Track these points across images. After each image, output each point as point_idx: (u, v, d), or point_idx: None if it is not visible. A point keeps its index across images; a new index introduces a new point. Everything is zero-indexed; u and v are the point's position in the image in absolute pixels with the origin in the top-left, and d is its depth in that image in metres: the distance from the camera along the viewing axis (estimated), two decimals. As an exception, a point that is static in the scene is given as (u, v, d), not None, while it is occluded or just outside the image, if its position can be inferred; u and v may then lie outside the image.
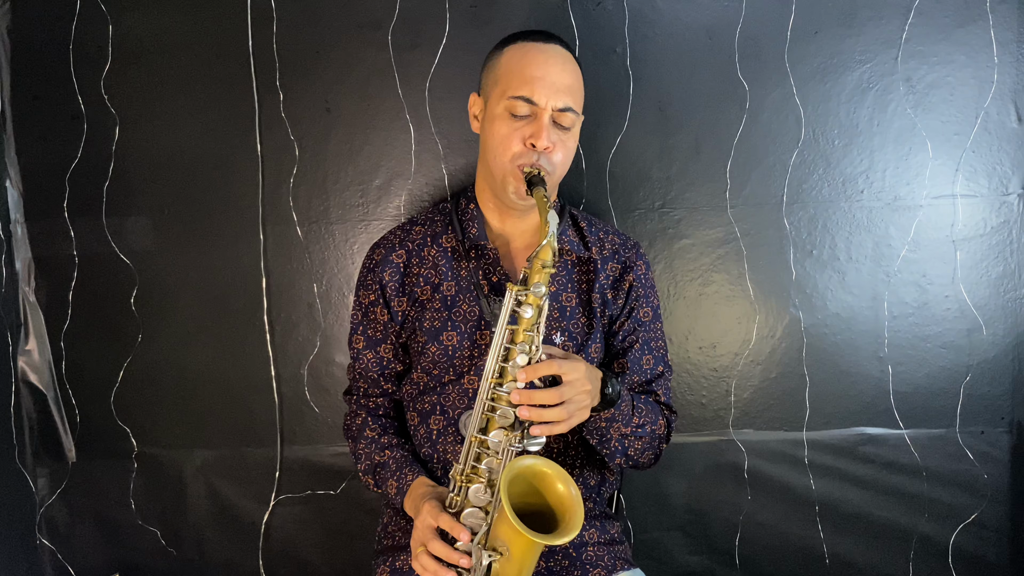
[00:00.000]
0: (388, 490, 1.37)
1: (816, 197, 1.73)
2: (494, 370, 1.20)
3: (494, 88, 1.33)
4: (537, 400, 1.16)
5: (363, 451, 1.45)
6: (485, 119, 1.36)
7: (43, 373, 1.81)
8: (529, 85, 1.28)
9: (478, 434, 1.20)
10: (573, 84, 1.32)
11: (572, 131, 1.34)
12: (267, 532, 1.84)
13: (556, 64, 1.31)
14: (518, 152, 1.30)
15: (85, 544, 1.86)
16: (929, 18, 1.68)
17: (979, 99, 1.70)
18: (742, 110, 1.71)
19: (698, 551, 1.83)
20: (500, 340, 1.20)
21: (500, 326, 1.20)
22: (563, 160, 1.34)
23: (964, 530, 1.80)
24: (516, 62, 1.31)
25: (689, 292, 1.77)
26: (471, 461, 1.20)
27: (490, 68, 1.37)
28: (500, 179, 1.34)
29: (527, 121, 1.30)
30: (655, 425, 1.37)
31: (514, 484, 1.11)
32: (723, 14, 1.69)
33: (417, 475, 1.34)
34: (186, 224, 1.77)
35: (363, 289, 1.46)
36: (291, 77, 1.72)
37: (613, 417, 1.29)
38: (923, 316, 1.76)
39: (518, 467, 1.13)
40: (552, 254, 1.19)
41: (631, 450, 1.35)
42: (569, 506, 1.12)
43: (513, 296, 1.20)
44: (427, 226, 1.47)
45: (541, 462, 1.15)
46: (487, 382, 1.20)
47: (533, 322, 1.19)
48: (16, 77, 1.74)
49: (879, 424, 1.78)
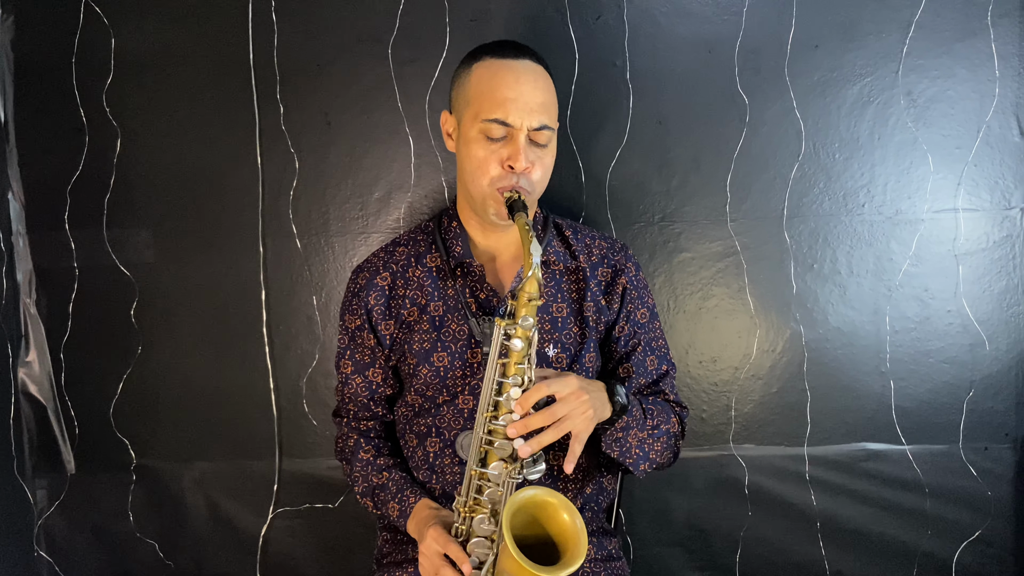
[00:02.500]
0: (389, 512, 1.37)
1: (817, 211, 1.73)
2: (489, 404, 1.20)
3: (466, 109, 1.31)
4: (532, 426, 1.16)
5: (359, 473, 1.44)
6: (460, 141, 1.34)
7: (43, 384, 1.81)
8: (502, 107, 1.25)
9: (477, 467, 1.20)
10: (546, 100, 1.30)
11: (549, 147, 1.32)
12: (265, 545, 1.83)
13: (528, 82, 1.27)
14: (497, 175, 1.28)
15: (83, 556, 1.86)
16: (930, 32, 1.68)
17: (981, 113, 1.69)
18: (742, 123, 1.71)
19: (698, 567, 1.81)
20: (492, 375, 1.20)
21: (491, 361, 1.20)
22: (541, 178, 1.32)
23: (968, 548, 1.78)
24: (487, 83, 1.28)
25: (689, 306, 1.76)
26: (473, 493, 1.20)
27: (460, 85, 1.34)
28: (480, 202, 1.32)
29: (503, 143, 1.28)
30: (669, 424, 1.37)
31: (517, 516, 1.11)
32: (723, 28, 1.69)
33: (419, 498, 1.34)
34: (186, 236, 1.77)
35: (348, 314, 1.45)
36: (292, 90, 1.73)
37: (628, 424, 1.28)
38: (925, 331, 1.74)
39: (520, 500, 1.13)
40: (538, 286, 1.18)
41: (652, 452, 1.34)
42: (572, 536, 1.12)
43: (502, 331, 1.20)
44: (410, 246, 1.46)
45: (543, 492, 1.15)
46: (483, 416, 1.20)
47: (524, 354, 1.19)
48: (19, 89, 1.75)
49: (881, 440, 1.76)
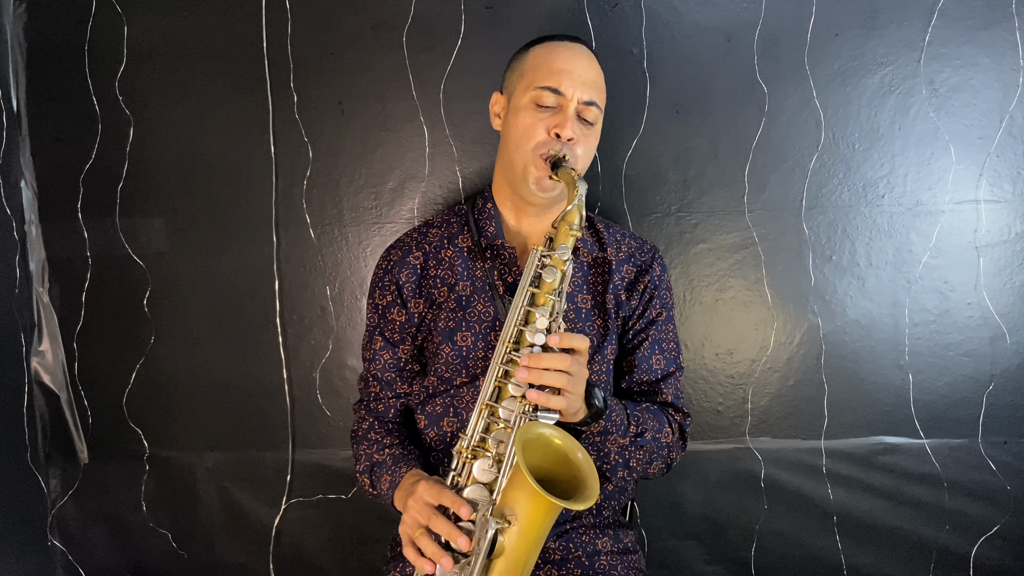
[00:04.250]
0: (381, 486, 1.32)
1: (836, 202, 1.71)
2: (511, 334, 1.17)
3: (519, 82, 1.35)
4: (544, 363, 1.11)
5: (363, 452, 1.41)
6: (508, 113, 1.37)
7: (56, 374, 1.81)
8: (556, 76, 1.31)
9: (489, 402, 1.16)
10: (598, 80, 1.36)
11: (595, 128, 1.36)
12: (278, 536, 1.83)
13: (583, 60, 1.34)
14: (542, 141, 1.31)
15: (96, 546, 1.86)
16: (953, 20, 1.65)
17: (1004, 103, 1.67)
18: (761, 113, 1.69)
19: (713, 560, 1.80)
20: (521, 302, 1.17)
21: (522, 288, 1.18)
22: (584, 155, 1.34)
23: (986, 542, 1.76)
24: (543, 57, 1.34)
25: (706, 297, 1.74)
26: (479, 432, 1.16)
27: (515, 66, 1.39)
28: (521, 169, 1.33)
29: (552, 112, 1.32)
30: (659, 433, 1.33)
31: (526, 450, 1.03)
32: (742, 15, 1.67)
33: (412, 468, 1.28)
34: (199, 226, 1.76)
35: (379, 290, 1.45)
36: (305, 79, 1.71)
37: (606, 429, 1.25)
38: (945, 323, 1.72)
39: (532, 432, 1.07)
40: (580, 218, 1.19)
41: (633, 460, 1.32)
42: (583, 476, 1.05)
43: (537, 257, 1.19)
44: (443, 228, 1.47)
45: (554, 432, 1.09)
46: (503, 346, 1.16)
47: (555, 287, 1.17)
48: (32, 78, 1.74)
49: (899, 433, 1.75)
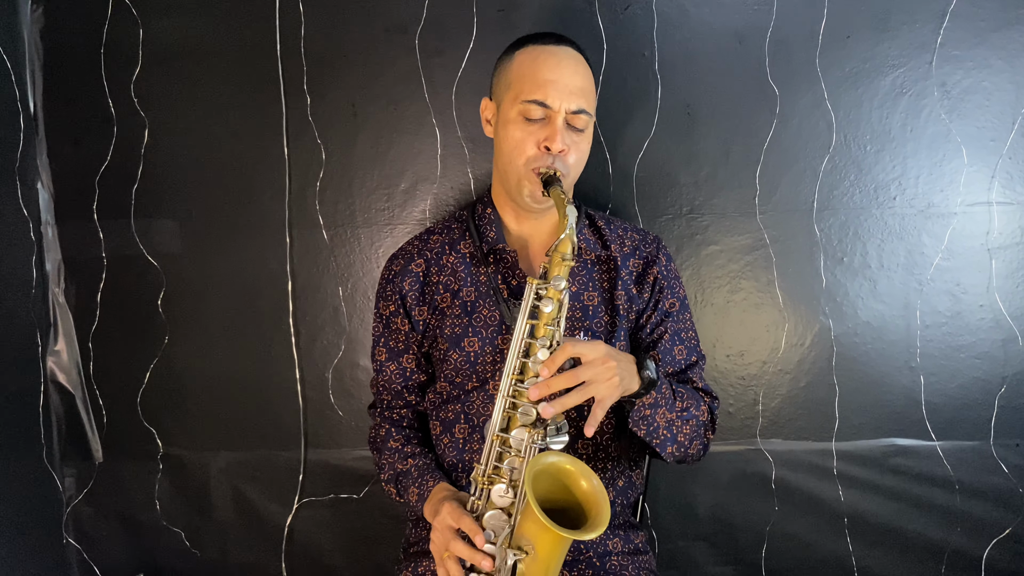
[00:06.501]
0: (409, 498, 1.36)
1: (847, 204, 1.71)
2: (515, 367, 1.18)
3: (506, 92, 1.33)
4: (554, 387, 1.12)
5: (386, 461, 1.44)
6: (498, 123, 1.36)
7: (71, 373, 1.83)
8: (542, 89, 1.28)
9: (500, 433, 1.17)
10: (585, 86, 1.32)
11: (585, 133, 1.34)
12: (290, 535, 1.84)
13: (568, 67, 1.31)
14: (533, 156, 1.30)
15: (110, 544, 1.88)
16: (965, 21, 1.65)
17: (1016, 104, 1.67)
18: (772, 115, 1.69)
19: (724, 562, 1.81)
20: (520, 335, 1.18)
21: (520, 321, 1.19)
22: (577, 162, 1.34)
23: (998, 545, 1.76)
24: (528, 66, 1.31)
25: (717, 299, 1.75)
26: (493, 461, 1.18)
27: (501, 72, 1.37)
28: (515, 183, 1.34)
29: (541, 124, 1.30)
30: (698, 411, 1.35)
31: (538, 481, 1.07)
32: (753, 18, 1.67)
33: (438, 481, 1.33)
34: (213, 227, 1.78)
35: (383, 301, 1.46)
36: (318, 81, 1.72)
37: (656, 402, 1.26)
38: (957, 326, 1.72)
39: (542, 463, 1.10)
40: (572, 247, 1.18)
41: (680, 435, 1.32)
42: (595, 502, 1.08)
43: (533, 290, 1.19)
44: (444, 234, 1.47)
45: (564, 459, 1.12)
46: (508, 379, 1.18)
47: (553, 316, 1.17)
48: (48, 80, 1.76)
49: (910, 435, 1.75)
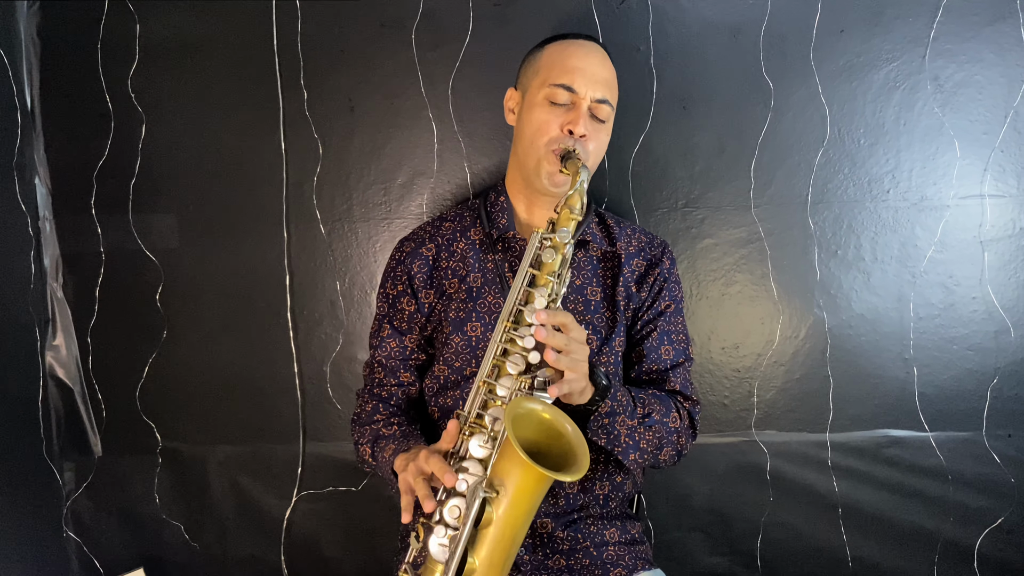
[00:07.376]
0: (384, 454, 1.32)
1: (841, 197, 1.72)
2: (511, 312, 1.18)
3: (534, 78, 1.39)
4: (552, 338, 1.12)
5: (367, 429, 1.42)
6: (523, 109, 1.41)
7: (70, 368, 1.83)
8: (570, 74, 1.35)
9: (487, 379, 1.17)
10: (610, 79, 1.39)
11: (606, 124, 1.39)
12: (289, 527, 1.86)
13: (596, 58, 1.38)
14: (555, 137, 1.34)
15: (110, 537, 1.89)
16: (958, 16, 1.66)
17: (1008, 98, 1.68)
18: (767, 109, 1.70)
19: (719, 552, 1.82)
20: (521, 282, 1.19)
21: (522, 268, 1.20)
22: (596, 151, 1.38)
23: (990, 535, 1.77)
24: (558, 55, 1.38)
25: (712, 292, 1.76)
26: (477, 408, 1.16)
27: (530, 62, 1.43)
28: (534, 164, 1.37)
29: (566, 109, 1.35)
30: (666, 416, 1.35)
31: (518, 425, 1.05)
32: (748, 12, 1.68)
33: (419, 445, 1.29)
34: (211, 221, 1.78)
35: (390, 281, 1.48)
36: (315, 76, 1.73)
37: (613, 410, 1.27)
38: (949, 318, 1.74)
39: (525, 406, 1.08)
40: (581, 203, 1.22)
41: (643, 442, 1.32)
42: (575, 448, 1.06)
43: (539, 239, 1.21)
44: (456, 221, 1.50)
45: (545, 408, 1.11)
46: (502, 324, 1.17)
47: (555, 268, 1.19)
48: (45, 76, 1.76)
49: (904, 426, 1.76)
